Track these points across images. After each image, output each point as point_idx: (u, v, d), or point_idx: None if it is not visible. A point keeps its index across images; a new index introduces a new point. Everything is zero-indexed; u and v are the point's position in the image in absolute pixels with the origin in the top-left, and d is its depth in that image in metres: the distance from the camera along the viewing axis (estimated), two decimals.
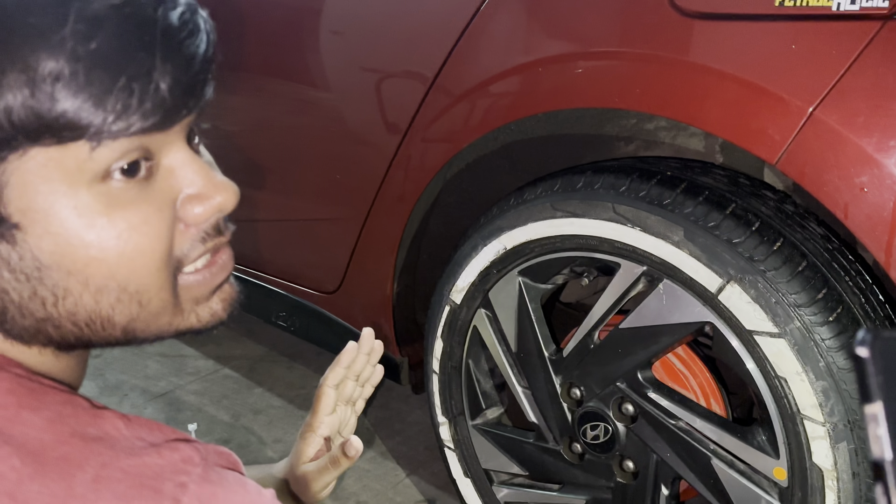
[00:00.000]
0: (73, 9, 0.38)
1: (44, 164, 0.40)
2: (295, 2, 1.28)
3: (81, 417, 0.43)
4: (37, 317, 0.44)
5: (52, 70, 0.38)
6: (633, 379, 0.97)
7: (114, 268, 0.43)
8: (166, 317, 0.48)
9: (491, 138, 1.10)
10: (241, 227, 1.54)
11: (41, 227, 0.41)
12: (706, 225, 0.85)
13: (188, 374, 1.93)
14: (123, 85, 0.39)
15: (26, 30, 0.38)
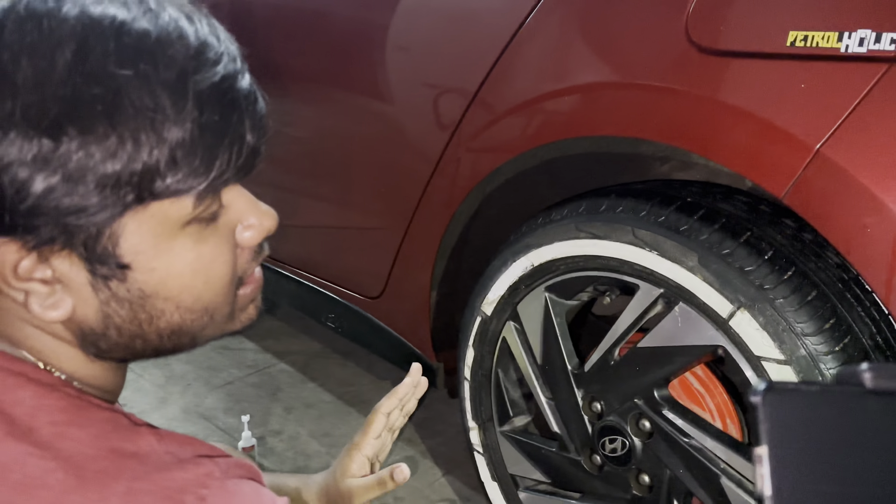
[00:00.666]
0: (190, 86, 0.45)
1: (154, 215, 0.48)
2: (342, 15, 1.36)
3: (121, 434, 0.50)
4: (131, 334, 0.52)
5: (177, 139, 0.45)
6: (649, 396, 1.00)
7: (200, 291, 0.52)
8: (223, 324, 0.57)
9: (530, 155, 1.14)
10: (296, 231, 1.64)
11: (147, 265, 0.49)
12: (720, 252, 0.88)
13: (247, 367, 2.05)
14: (226, 147, 0.48)
15: (155, 105, 0.44)
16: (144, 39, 0.45)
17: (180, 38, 0.47)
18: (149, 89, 0.45)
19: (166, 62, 0.45)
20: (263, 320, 2.31)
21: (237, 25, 1.66)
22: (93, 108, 0.43)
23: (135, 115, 0.44)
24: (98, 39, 0.44)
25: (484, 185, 1.21)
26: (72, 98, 0.43)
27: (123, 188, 0.45)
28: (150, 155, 0.45)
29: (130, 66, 0.44)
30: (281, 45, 1.49)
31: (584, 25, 0.96)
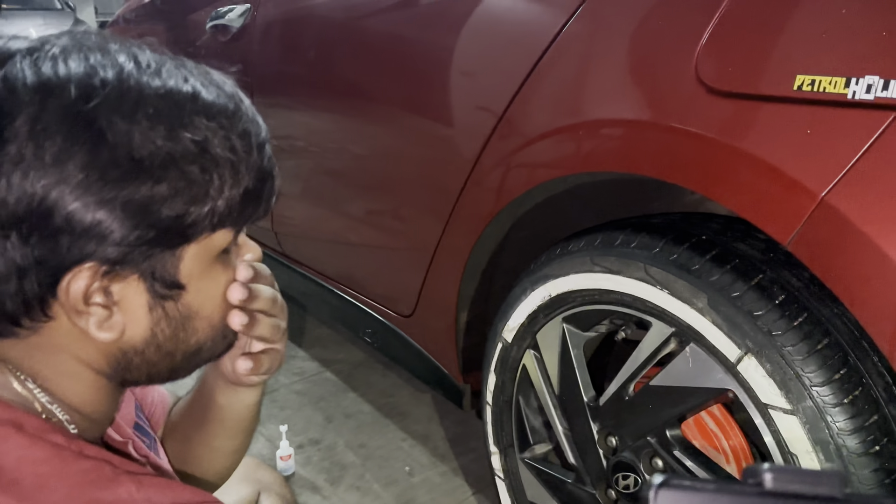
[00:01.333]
0: (254, 144, 0.56)
1: (208, 244, 0.56)
2: (374, 30, 1.38)
3: (100, 484, 0.53)
4: (165, 352, 0.58)
5: (246, 187, 0.55)
6: (662, 435, 0.99)
7: (224, 310, 0.60)
8: (217, 345, 0.63)
9: (560, 181, 1.14)
10: (337, 247, 1.68)
11: (195, 287, 0.57)
12: (729, 294, 0.86)
13: (294, 374, 2.11)
14: (266, 196, 0.58)
15: (235, 158, 0.54)
16: (222, 109, 0.55)
17: (238, 106, 0.56)
18: (229, 146, 0.54)
19: (240, 126, 0.55)
20: (314, 328, 2.37)
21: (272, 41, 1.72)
22: (184, 161, 0.52)
23: (227, 169, 0.54)
24: (186, 112, 0.53)
25: (514, 209, 1.22)
26: (161, 153, 0.51)
27: (200, 226, 0.54)
28: (228, 200, 0.54)
29: (214, 128, 0.54)
30: (316, 62, 1.53)
31: (597, 60, 0.96)
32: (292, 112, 1.68)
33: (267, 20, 1.71)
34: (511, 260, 1.31)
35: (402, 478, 1.64)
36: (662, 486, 0.34)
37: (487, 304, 1.38)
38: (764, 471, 0.33)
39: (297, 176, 1.72)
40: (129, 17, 2.71)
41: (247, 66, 1.79)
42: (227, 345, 0.65)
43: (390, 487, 1.61)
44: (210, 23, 1.95)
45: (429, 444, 1.76)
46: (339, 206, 1.59)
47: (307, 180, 1.68)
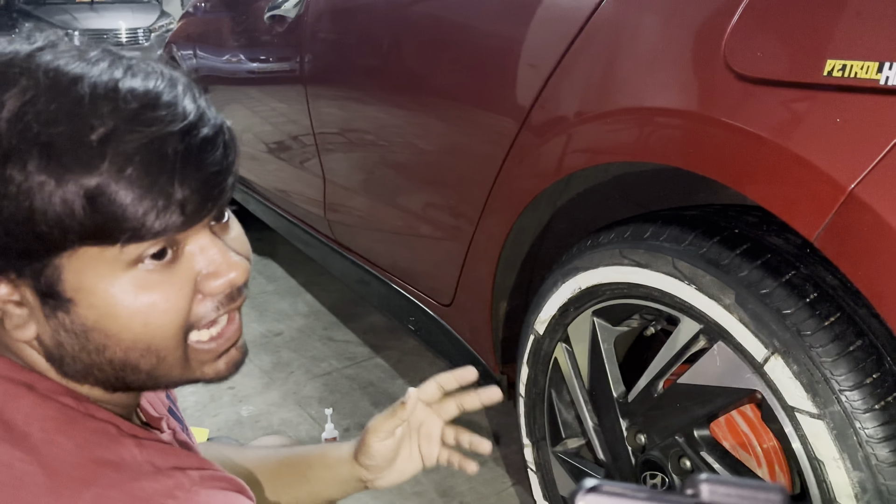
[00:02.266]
0: (110, 147, 0.48)
1: (89, 257, 0.51)
2: (408, 14, 1.38)
3: (103, 444, 0.55)
4: (85, 363, 0.56)
5: (92, 192, 0.48)
6: (689, 435, 0.95)
7: (139, 333, 0.54)
8: (178, 370, 0.58)
9: (601, 170, 1.12)
10: (381, 234, 1.70)
11: (87, 301, 0.52)
12: (758, 291, 0.82)
13: (346, 359, 2.15)
14: (147, 204, 0.49)
15: (76, 161, 0.48)
16: (81, 100, 0.49)
17: (117, 98, 0.50)
18: (69, 147, 0.48)
19: (94, 121, 0.48)
20: (367, 315, 2.40)
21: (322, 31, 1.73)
22: (18, 159, 0.48)
23: (53, 167, 0.47)
24: (38, 99, 0.48)
25: (552, 199, 1.20)
26: (4, 149, 0.47)
27: (47, 231, 0.48)
28: (65, 203, 0.48)
29: (56, 124, 0.48)
30: (360, 51, 1.54)
31: (624, 45, 0.92)
32: (340, 101, 1.69)
33: (318, 10, 1.73)
34: (551, 251, 1.29)
35: (443, 466, 1.65)
36: (592, 490, 0.33)
37: (528, 295, 1.37)
38: (701, 481, 0.32)
39: (347, 164, 1.74)
40: (199, 9, 2.80)
41: (299, 56, 1.82)
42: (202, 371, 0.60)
43: (431, 474, 1.62)
44: (267, 13, 1.99)
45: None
46: (383, 193, 1.60)
47: (356, 169, 1.70)
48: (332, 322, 2.40)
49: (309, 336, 2.30)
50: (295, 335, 2.31)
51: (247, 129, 2.34)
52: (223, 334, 0.60)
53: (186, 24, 2.94)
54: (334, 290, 2.62)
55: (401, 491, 1.57)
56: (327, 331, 2.34)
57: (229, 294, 0.58)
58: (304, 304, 2.54)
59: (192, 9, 2.91)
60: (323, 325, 2.38)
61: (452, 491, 1.57)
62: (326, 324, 2.38)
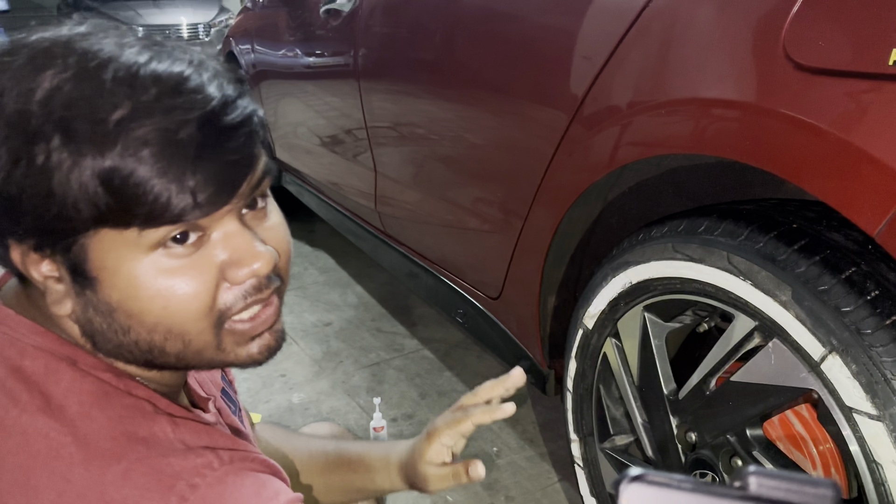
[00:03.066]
0: (125, 130, 0.49)
1: (111, 238, 0.52)
2: (460, 8, 1.38)
3: (136, 420, 0.56)
4: (114, 342, 0.57)
5: (106, 174, 0.49)
6: (742, 434, 0.93)
7: (160, 316, 0.54)
8: (209, 353, 0.59)
9: (654, 163, 1.10)
10: (430, 227, 1.70)
11: (110, 281, 0.53)
12: (816, 288, 0.80)
13: (394, 350, 2.16)
14: (160, 190, 0.50)
15: (92, 142, 0.48)
16: (105, 83, 0.50)
17: (141, 82, 0.50)
18: (89, 128, 0.48)
19: (116, 103, 0.49)
20: (416, 307, 2.42)
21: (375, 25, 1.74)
22: (42, 140, 0.49)
23: (72, 149, 0.48)
24: (67, 81, 0.50)
25: (602, 193, 1.19)
26: (32, 130, 0.49)
27: (69, 212, 0.49)
28: (82, 185, 0.49)
29: (78, 107, 0.49)
30: (413, 45, 1.54)
31: (679, 34, 0.91)
32: (392, 95, 1.71)
33: (371, 3, 1.74)
34: (601, 246, 1.28)
35: (489, 459, 1.65)
36: (635, 479, 0.32)
37: (576, 289, 1.36)
38: (749, 473, 0.31)
39: (398, 158, 1.75)
40: (257, 4, 2.85)
41: (353, 50, 1.84)
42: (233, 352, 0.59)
43: None
44: (323, 7, 2.01)
45: (518, 427, 1.76)
46: (433, 186, 1.61)
47: (407, 162, 1.71)
48: (380, 313, 2.42)
49: (358, 327, 2.33)
50: (344, 325, 2.34)
51: (301, 123, 2.38)
52: (258, 317, 0.59)
53: (245, 18, 3.00)
54: (383, 282, 2.64)
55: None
56: (376, 322, 2.36)
57: (256, 284, 0.57)
58: (354, 295, 2.57)
59: (251, 4, 2.97)
60: (372, 316, 2.40)
61: (497, 485, 1.57)
62: (375, 315, 2.41)
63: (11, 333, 0.57)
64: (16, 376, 0.55)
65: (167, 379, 0.64)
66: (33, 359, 0.56)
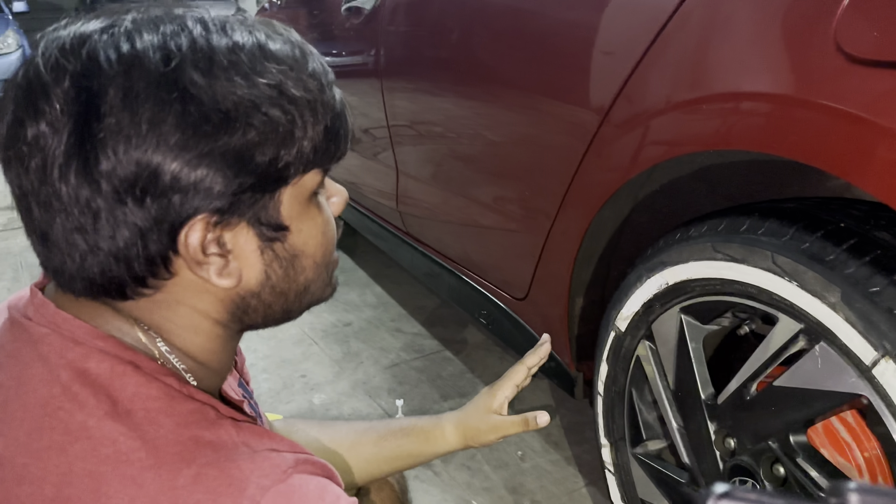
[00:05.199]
0: (328, 92, 0.59)
1: (300, 186, 0.58)
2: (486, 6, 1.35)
3: (203, 424, 0.55)
4: (280, 291, 0.61)
5: (321, 130, 0.58)
6: (784, 440, 0.90)
7: (326, 247, 0.63)
8: (320, 288, 0.66)
9: (686, 161, 1.07)
10: (454, 228, 1.68)
11: (297, 227, 0.59)
12: (866, 289, 0.76)
13: (414, 351, 2.14)
14: (343, 138, 0.61)
15: (309, 97, 0.57)
16: (288, 54, 0.57)
17: (312, 58, 0.59)
18: (302, 86, 0.56)
19: (309, 68, 0.58)
20: (437, 308, 2.39)
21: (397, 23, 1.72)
22: (266, 105, 0.54)
23: (310, 110, 0.57)
24: (293, 70, 0.57)
25: (633, 191, 1.16)
26: (244, 102, 0.53)
27: (293, 167, 0.56)
28: (312, 139, 0.57)
29: (285, 71, 0.56)
30: (437, 44, 1.52)
31: (722, 26, 0.88)
32: (415, 93, 1.68)
33: (394, 2, 1.72)
34: (631, 246, 1.25)
35: (513, 462, 1.62)
36: (724, 496, 0.30)
37: (605, 290, 1.33)
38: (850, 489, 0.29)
39: (421, 157, 1.73)
40: (275, 4, 2.84)
41: (375, 48, 1.82)
42: (332, 287, 0.68)
43: (500, 470, 1.60)
44: (345, 5, 2.00)
45: (542, 430, 1.73)
46: (458, 186, 1.59)
47: (430, 161, 1.69)
48: (400, 314, 2.40)
49: (377, 327, 2.31)
50: (364, 326, 2.32)
51: None
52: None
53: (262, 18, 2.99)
54: (403, 282, 2.62)
55: (470, 486, 1.55)
56: (395, 322, 2.34)
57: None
58: (373, 295, 2.56)
59: (268, 4, 2.96)
60: (391, 316, 2.38)
61: (522, 488, 1.55)
62: (395, 315, 2.39)
63: (74, 337, 0.56)
64: (81, 380, 0.54)
65: (222, 371, 0.66)
66: (98, 362, 0.55)
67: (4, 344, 0.59)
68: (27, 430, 0.53)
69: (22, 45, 6.64)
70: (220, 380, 0.67)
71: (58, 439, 0.52)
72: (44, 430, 0.53)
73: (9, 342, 0.58)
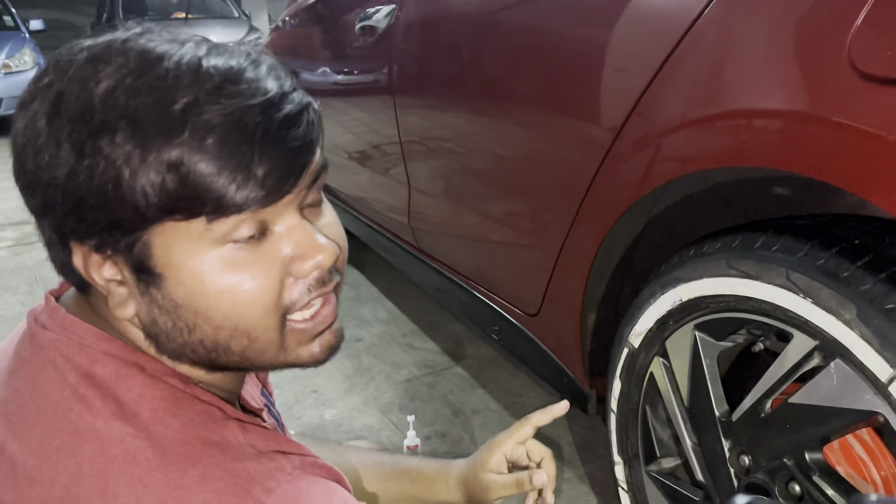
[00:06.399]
0: (192, 117, 0.49)
1: (177, 232, 0.52)
2: (499, 24, 1.36)
3: (208, 425, 0.56)
4: (178, 342, 0.57)
5: (174, 162, 0.49)
6: (800, 458, 0.90)
7: (227, 312, 0.54)
8: (272, 352, 0.59)
9: (700, 178, 1.07)
10: (466, 243, 1.68)
11: (175, 277, 0.53)
12: (883, 306, 0.76)
13: (426, 367, 2.14)
14: (228, 177, 0.50)
15: (159, 131, 0.49)
16: (165, 74, 0.51)
17: (199, 72, 0.51)
18: (153, 117, 0.49)
19: (177, 94, 0.50)
20: (448, 323, 2.39)
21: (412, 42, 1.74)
22: (107, 132, 0.49)
23: (138, 139, 0.49)
24: (128, 75, 0.50)
25: (647, 207, 1.16)
26: (96, 123, 0.49)
27: (137, 204, 0.50)
28: (149, 174, 0.49)
29: (141, 96, 0.49)
30: (451, 62, 1.53)
31: (736, 44, 0.88)
32: (428, 111, 1.70)
33: (408, 20, 1.74)
34: (644, 262, 1.25)
35: None
36: None
37: (617, 306, 1.33)
38: (871, 502, 0.29)
39: (433, 173, 1.74)
40: (288, 23, 2.87)
41: (389, 66, 1.84)
42: (294, 354, 0.60)
43: None
44: (358, 24, 2.02)
45: (554, 448, 1.72)
46: (471, 202, 1.59)
47: (442, 177, 1.70)
48: (411, 329, 2.40)
49: (389, 343, 2.31)
50: (375, 341, 2.32)
51: (332, 138, 2.38)
52: (318, 315, 0.60)
53: (276, 37, 3.02)
54: (414, 298, 2.62)
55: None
56: (407, 338, 2.34)
57: (319, 277, 0.58)
58: (385, 310, 2.56)
59: (282, 23, 2.99)
60: (403, 332, 2.38)
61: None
62: (406, 331, 2.39)
63: (80, 340, 0.57)
64: (88, 382, 0.55)
65: (227, 384, 0.65)
66: (104, 365, 0.56)
67: (21, 350, 0.60)
68: (40, 433, 0.54)
69: (38, 62, 6.76)
70: (232, 387, 0.66)
71: (68, 441, 0.53)
72: (55, 432, 0.54)
73: (25, 348, 0.60)
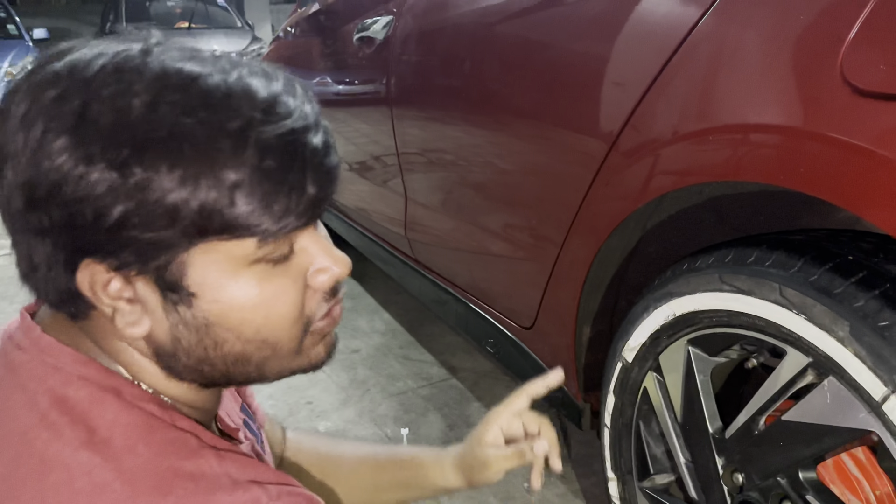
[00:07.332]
0: (252, 136, 0.50)
1: (219, 252, 0.52)
2: (495, 37, 1.36)
3: (182, 454, 0.54)
4: (198, 358, 0.56)
5: (233, 181, 0.49)
6: (793, 476, 0.89)
7: (260, 326, 0.55)
8: (287, 361, 0.60)
9: (695, 191, 1.07)
10: (462, 255, 1.67)
11: (211, 296, 0.53)
12: (876, 323, 0.75)
13: (422, 379, 2.13)
14: (284, 195, 0.51)
15: (216, 153, 0.49)
16: (213, 92, 0.50)
17: (247, 92, 0.51)
18: (209, 136, 0.49)
19: (230, 113, 0.50)
20: (444, 335, 2.38)
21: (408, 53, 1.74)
22: (157, 150, 0.48)
23: (194, 157, 0.48)
24: (169, 91, 0.49)
25: (641, 221, 1.16)
26: (141, 140, 0.48)
27: (187, 223, 0.49)
28: (207, 194, 0.49)
29: (194, 114, 0.49)
30: (446, 73, 1.53)
31: (729, 59, 0.88)
32: (425, 122, 1.69)
33: (405, 32, 1.74)
34: (639, 275, 1.25)
35: (520, 494, 1.60)
36: None
37: (612, 320, 1.32)
38: None
39: (429, 184, 1.74)
40: (289, 33, 2.88)
41: (386, 77, 1.84)
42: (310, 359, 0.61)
43: (507, 503, 1.57)
44: (356, 35, 2.02)
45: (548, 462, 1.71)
46: (466, 214, 1.59)
47: (438, 189, 1.69)
48: (408, 341, 2.39)
49: (385, 354, 2.30)
50: (371, 353, 2.31)
51: None
52: (330, 315, 0.61)
53: (277, 47, 3.03)
54: (411, 309, 2.61)
55: None
56: (403, 350, 2.33)
57: (333, 288, 0.60)
58: (382, 322, 2.55)
59: (283, 33, 3.00)
60: (399, 343, 2.37)
61: None
62: (403, 343, 2.38)
63: (54, 363, 0.55)
64: (59, 408, 0.53)
65: (208, 403, 0.64)
66: (77, 389, 0.54)
67: None
68: (6, 460, 0.53)
69: None
70: (212, 405, 0.65)
71: (35, 469, 0.52)
72: (21, 458, 0.52)
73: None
